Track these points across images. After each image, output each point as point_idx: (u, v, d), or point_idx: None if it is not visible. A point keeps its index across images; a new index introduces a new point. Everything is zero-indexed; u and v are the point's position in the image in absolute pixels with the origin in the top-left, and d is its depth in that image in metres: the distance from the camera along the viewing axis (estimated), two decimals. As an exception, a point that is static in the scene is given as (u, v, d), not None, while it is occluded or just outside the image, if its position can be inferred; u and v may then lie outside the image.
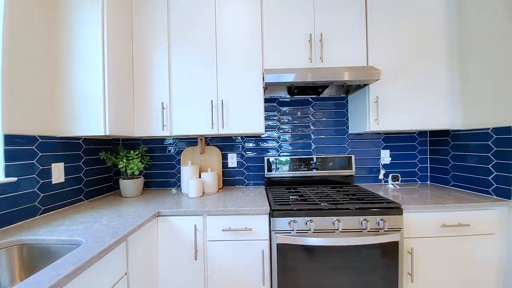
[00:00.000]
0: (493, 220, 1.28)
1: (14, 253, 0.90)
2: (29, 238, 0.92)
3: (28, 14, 1.15)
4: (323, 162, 1.77)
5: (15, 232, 0.97)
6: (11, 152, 1.06)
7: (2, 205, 1.01)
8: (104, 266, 0.83)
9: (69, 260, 0.72)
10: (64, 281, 0.64)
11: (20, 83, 1.11)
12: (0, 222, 1.00)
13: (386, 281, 1.21)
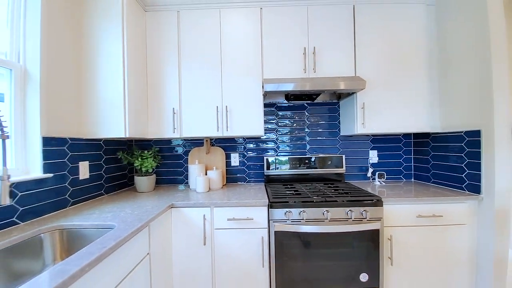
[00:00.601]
0: (464, 212, 1.47)
1: (56, 237, 1.09)
2: (68, 224, 1.11)
3: (59, 34, 1.34)
4: (317, 161, 1.96)
5: (53, 219, 1.16)
6: (48, 152, 1.25)
7: (41, 197, 1.20)
8: (133, 245, 1.02)
9: (110, 237, 0.91)
10: (108, 252, 0.83)
11: (54, 93, 1.30)
12: (40, 211, 1.19)
13: (369, 264, 1.40)
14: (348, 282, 1.40)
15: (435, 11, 1.76)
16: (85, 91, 1.47)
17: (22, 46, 1.22)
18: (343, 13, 1.73)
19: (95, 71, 1.47)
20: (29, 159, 1.20)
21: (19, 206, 1.09)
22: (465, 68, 1.56)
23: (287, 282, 1.40)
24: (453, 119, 1.65)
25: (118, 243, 0.88)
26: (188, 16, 1.73)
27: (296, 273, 1.40)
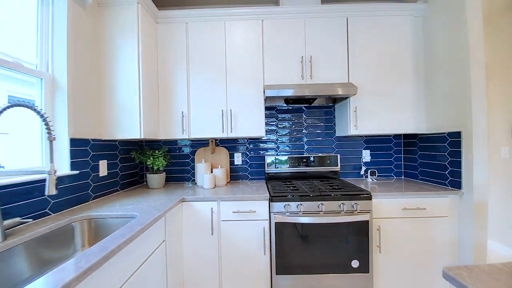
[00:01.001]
0: (447, 205, 1.63)
1: (85, 225, 1.25)
2: (95, 214, 1.27)
3: (82, 46, 1.50)
4: (314, 160, 2.12)
5: (80, 211, 1.32)
6: (74, 152, 1.41)
7: (69, 191, 1.36)
8: (152, 233, 1.18)
9: (135, 223, 1.07)
10: (136, 234, 0.98)
11: (79, 99, 1.46)
12: (67, 204, 1.35)
13: (359, 251, 1.56)
14: (341, 268, 1.56)
15: (422, 22, 1.92)
16: (104, 97, 1.63)
17: (50, 57, 1.38)
18: (337, 25, 1.89)
19: (113, 79, 1.63)
20: (58, 158, 1.36)
21: (51, 199, 1.25)
22: (447, 76, 1.72)
23: (286, 268, 1.56)
24: (437, 121, 1.81)
25: (143, 228, 1.04)
26: (196, 27, 1.89)
27: (294, 260, 1.56)
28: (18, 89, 1.28)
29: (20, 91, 1.29)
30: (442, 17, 1.74)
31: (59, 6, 1.40)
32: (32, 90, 1.33)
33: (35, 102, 1.35)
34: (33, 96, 1.33)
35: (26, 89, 1.30)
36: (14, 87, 1.26)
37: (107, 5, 1.63)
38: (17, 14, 1.28)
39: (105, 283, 0.80)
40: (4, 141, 1.18)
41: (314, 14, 1.88)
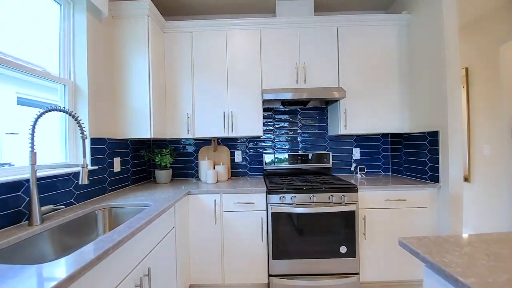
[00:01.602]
0: (426, 197, 1.82)
1: (106, 213, 1.43)
2: (114, 203, 1.46)
3: (100, 55, 1.69)
4: (308, 157, 2.31)
5: (99, 201, 1.50)
6: (93, 150, 1.59)
7: (90, 184, 1.55)
8: (164, 219, 1.37)
9: (150, 210, 1.25)
10: (153, 218, 1.17)
11: (97, 104, 1.64)
12: (88, 195, 1.53)
13: (347, 238, 1.75)
14: (330, 253, 1.74)
15: (406, 31, 2.10)
16: (118, 100, 1.81)
17: (72, 66, 1.56)
18: (328, 34, 2.07)
19: (126, 84, 1.81)
20: (81, 154, 1.55)
21: (75, 191, 1.43)
22: (428, 80, 1.90)
23: (281, 253, 1.75)
24: (418, 122, 2.00)
25: (159, 213, 1.23)
26: (200, 36, 2.07)
27: (289, 246, 1.75)
28: (35, 93, 1.45)
29: (36, 94, 1.47)
30: (423, 27, 1.93)
31: (79, 20, 1.58)
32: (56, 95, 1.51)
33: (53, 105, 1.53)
34: (50, 100, 1.51)
35: (42, 94, 1.48)
36: (34, 92, 1.44)
37: (120, 17, 1.81)
38: (41, 28, 1.46)
39: (132, 254, 0.99)
40: (14, 140, 1.34)
41: (307, 24, 2.07)
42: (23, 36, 1.33)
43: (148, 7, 1.78)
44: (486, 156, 2.71)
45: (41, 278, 0.62)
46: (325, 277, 1.75)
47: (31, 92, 1.43)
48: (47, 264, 0.70)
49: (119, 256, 0.90)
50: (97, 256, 0.75)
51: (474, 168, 2.86)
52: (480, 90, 2.75)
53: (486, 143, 2.71)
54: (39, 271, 0.66)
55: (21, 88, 1.37)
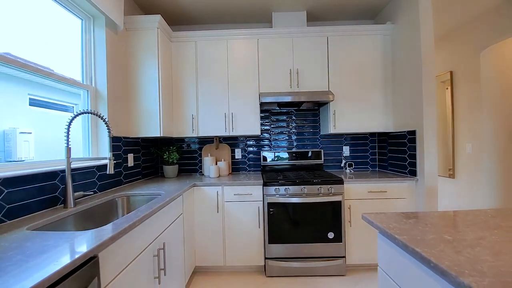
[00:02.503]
0: (405, 189, 2.04)
1: (124, 200, 1.67)
2: (130, 192, 1.69)
3: (117, 63, 1.92)
4: (301, 154, 2.53)
5: (117, 191, 1.73)
6: (114, 146, 1.82)
7: (109, 176, 1.78)
8: (173, 206, 1.60)
9: (162, 197, 1.48)
10: (164, 204, 1.39)
11: (114, 106, 1.87)
12: (108, 186, 1.76)
13: (334, 225, 1.97)
14: (319, 238, 1.97)
15: (390, 40, 2.32)
16: (131, 103, 2.05)
17: (93, 73, 1.79)
18: (319, 43, 2.29)
19: (138, 89, 2.04)
20: (102, 151, 1.78)
21: (98, 181, 1.67)
22: (407, 85, 2.12)
23: (276, 238, 1.97)
24: (400, 122, 2.22)
25: (170, 199, 1.46)
26: (203, 45, 2.30)
27: (282, 232, 1.97)
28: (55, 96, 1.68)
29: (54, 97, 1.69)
30: (404, 36, 2.15)
31: (99, 33, 1.81)
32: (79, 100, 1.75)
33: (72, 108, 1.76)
34: (67, 102, 1.74)
35: (59, 96, 1.71)
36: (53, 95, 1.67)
37: (134, 29, 2.04)
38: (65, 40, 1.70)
39: (151, 229, 1.22)
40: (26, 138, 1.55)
41: (300, 34, 2.29)
42: (51, 48, 1.57)
43: (158, 21, 2.01)
44: (468, 153, 2.92)
45: (92, 237, 0.86)
46: (315, 260, 1.98)
47: (43, 93, 1.63)
48: (95, 229, 0.93)
49: (142, 229, 1.14)
50: (129, 225, 0.98)
51: (458, 165, 3.08)
52: (463, 92, 2.96)
53: (468, 142, 2.93)
54: (90, 234, 0.89)
55: (33, 89, 1.56)
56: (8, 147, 1.38)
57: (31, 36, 1.42)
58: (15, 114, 1.40)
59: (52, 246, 0.79)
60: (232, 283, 1.93)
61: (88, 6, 1.67)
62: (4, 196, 1.06)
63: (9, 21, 1.28)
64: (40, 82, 1.54)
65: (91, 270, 0.78)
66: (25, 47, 1.33)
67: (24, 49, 1.31)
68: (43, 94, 1.59)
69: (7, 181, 1.08)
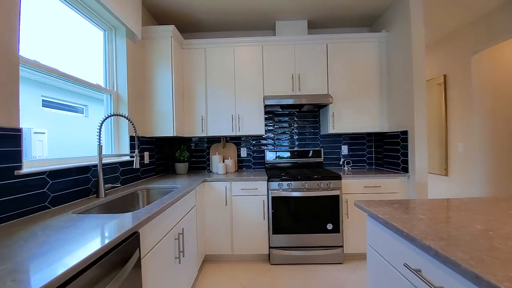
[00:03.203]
0: (397, 185, 2.22)
1: (144, 193, 1.86)
2: (149, 186, 1.88)
3: (135, 70, 2.11)
4: (303, 153, 2.72)
5: (138, 185, 1.92)
6: (131, 145, 2.02)
7: (129, 172, 1.97)
8: (188, 198, 1.79)
9: (179, 190, 1.67)
10: (180, 197, 1.57)
11: (133, 109, 2.07)
12: (128, 180, 1.96)
13: (333, 217, 2.15)
14: (319, 229, 2.15)
15: (385, 47, 2.50)
16: (147, 105, 2.24)
17: (115, 79, 1.99)
18: (319, 49, 2.48)
19: (154, 92, 2.24)
20: (122, 149, 1.98)
21: (121, 175, 1.86)
22: (400, 89, 2.30)
23: (280, 229, 2.16)
24: (394, 123, 2.40)
25: (185, 192, 1.65)
26: (212, 51, 2.50)
27: (285, 223, 2.16)
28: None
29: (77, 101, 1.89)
30: (397, 44, 2.33)
31: (119, 43, 2.00)
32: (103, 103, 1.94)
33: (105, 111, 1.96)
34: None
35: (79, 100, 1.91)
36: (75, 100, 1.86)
37: (150, 38, 2.23)
38: (89, 49, 1.89)
39: (173, 216, 1.41)
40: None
41: (301, 42, 2.48)
42: (75, 55, 1.76)
43: (172, 30, 2.20)
44: (460, 152, 3.10)
45: (131, 218, 1.05)
46: (315, 249, 2.16)
47: (53, 95, 1.79)
48: (132, 212, 1.13)
49: (167, 215, 1.33)
50: (160, 208, 1.17)
51: (451, 163, 3.25)
52: (455, 95, 3.14)
53: (460, 141, 3.10)
54: (129, 215, 1.08)
55: (46, 91, 1.70)
56: (24, 146, 1.54)
57: (58, 45, 1.60)
58: (29, 115, 1.46)
59: (100, 224, 0.98)
60: (239, 270, 2.12)
61: (111, 19, 1.86)
62: (49, 186, 1.26)
63: (38, 31, 1.45)
64: (52, 84, 1.64)
65: (134, 242, 0.97)
66: (52, 55, 1.50)
67: (51, 56, 1.48)
68: (54, 96, 1.67)
69: (51, 174, 1.27)
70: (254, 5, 2.35)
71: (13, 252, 0.73)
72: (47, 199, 1.23)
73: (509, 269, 0.56)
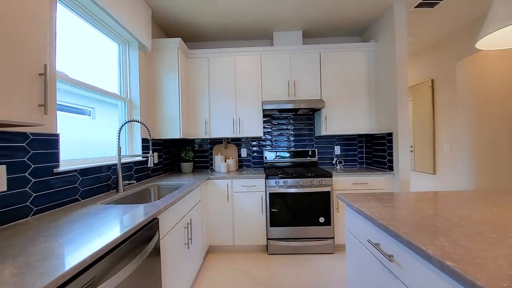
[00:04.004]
0: (383, 182, 2.44)
1: (156, 189, 2.09)
2: (159, 183, 2.11)
3: (145, 79, 2.34)
4: (298, 153, 2.94)
5: (150, 182, 2.15)
6: (143, 146, 2.25)
7: (141, 171, 2.20)
8: (195, 193, 2.02)
9: (187, 186, 1.90)
10: (188, 191, 1.81)
11: (144, 113, 2.30)
12: (140, 178, 2.19)
13: (325, 212, 2.38)
14: (312, 222, 2.38)
15: (374, 55, 2.73)
16: (156, 110, 2.47)
17: (129, 87, 2.22)
18: (313, 58, 2.70)
19: (162, 98, 2.47)
20: (135, 150, 2.21)
21: (135, 174, 2.09)
22: (386, 94, 2.53)
23: (277, 222, 2.39)
24: (381, 125, 2.62)
25: (192, 188, 1.88)
26: (215, 60, 2.73)
27: (282, 217, 2.39)
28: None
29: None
30: (383, 53, 2.55)
31: (132, 55, 2.23)
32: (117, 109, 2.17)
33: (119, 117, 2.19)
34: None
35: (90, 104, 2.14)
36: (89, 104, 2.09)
37: (158, 49, 2.46)
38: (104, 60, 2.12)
39: (183, 208, 1.64)
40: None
41: (297, 51, 2.70)
42: (92, 66, 1.99)
43: (179, 42, 2.43)
44: (447, 152, 3.32)
45: (151, 207, 1.28)
46: (309, 240, 2.39)
47: (62, 98, 2.05)
48: (150, 203, 1.36)
49: (178, 206, 1.56)
50: (174, 199, 1.41)
51: (438, 162, 3.47)
52: (442, 97, 3.36)
53: (446, 142, 3.32)
54: (149, 205, 1.31)
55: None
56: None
57: (77, 56, 1.83)
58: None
59: (127, 212, 1.21)
60: (240, 259, 2.35)
61: (125, 34, 2.09)
62: (79, 182, 1.49)
63: (61, 45, 1.66)
64: (60, 88, 1.87)
65: (155, 226, 1.20)
66: (71, 65, 1.72)
67: (71, 67, 1.69)
68: (63, 99, 1.93)
69: (81, 171, 1.50)
70: (253, 17, 2.58)
71: (66, 230, 0.96)
72: (78, 192, 1.47)
73: (435, 239, 0.79)
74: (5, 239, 0.87)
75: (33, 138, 1.18)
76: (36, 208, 1.19)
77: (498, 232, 0.80)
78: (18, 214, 1.10)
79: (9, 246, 0.81)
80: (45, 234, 0.92)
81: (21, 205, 1.11)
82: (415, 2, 2.39)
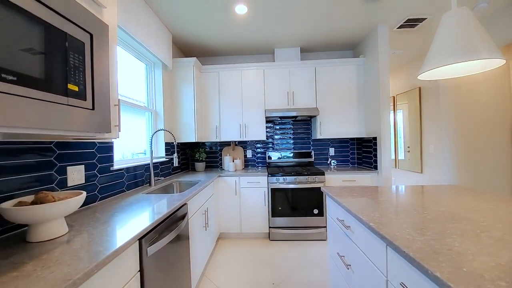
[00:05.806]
0: (369, 179, 2.84)
1: (178, 184, 2.55)
2: (179, 179, 2.57)
3: (167, 91, 2.80)
4: (297, 154, 3.36)
5: (171, 179, 2.61)
6: (166, 149, 2.71)
7: (164, 169, 2.67)
8: (208, 189, 2.47)
9: (203, 182, 2.35)
10: (205, 186, 2.26)
11: (167, 121, 2.76)
12: (164, 175, 2.65)
13: (318, 204, 2.80)
14: (308, 213, 2.80)
15: (363, 69, 3.12)
16: (175, 118, 2.93)
17: (154, 100, 2.68)
18: (309, 71, 3.12)
19: (180, 108, 2.93)
20: (159, 152, 2.68)
21: (159, 171, 2.56)
22: (371, 103, 2.92)
23: (278, 213, 2.82)
24: (368, 130, 3.02)
25: (206, 184, 2.33)
26: (224, 74, 3.17)
27: (282, 208, 2.82)
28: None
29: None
30: (369, 66, 2.94)
31: (157, 73, 2.69)
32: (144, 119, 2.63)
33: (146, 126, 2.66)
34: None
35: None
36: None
37: (177, 67, 2.92)
38: (135, 78, 2.59)
39: (201, 198, 2.09)
40: None
41: (295, 66, 3.12)
42: (129, 83, 2.46)
43: (194, 61, 2.88)
44: (431, 153, 3.68)
45: (181, 196, 1.73)
46: (305, 229, 2.81)
47: None
48: (180, 193, 1.81)
49: (198, 197, 2.01)
50: (196, 191, 1.86)
51: (424, 162, 3.83)
52: (428, 104, 3.72)
53: (431, 144, 3.68)
54: (182, 194, 1.77)
55: None
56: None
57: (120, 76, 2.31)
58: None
59: (165, 198, 1.66)
60: (246, 244, 2.79)
61: (152, 56, 2.55)
62: (125, 177, 1.95)
63: None
64: None
65: (185, 209, 1.65)
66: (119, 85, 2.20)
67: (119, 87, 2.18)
68: None
69: (126, 169, 1.96)
70: (258, 37, 3.01)
71: (130, 209, 1.42)
72: (124, 185, 1.93)
73: (371, 213, 1.21)
74: (92, 214, 1.34)
75: (99, 146, 1.64)
76: (100, 196, 1.65)
77: (417, 210, 1.22)
78: (90, 200, 1.56)
79: (99, 217, 1.27)
80: (118, 211, 1.38)
81: (93, 193, 1.58)
82: (397, 24, 2.77)
